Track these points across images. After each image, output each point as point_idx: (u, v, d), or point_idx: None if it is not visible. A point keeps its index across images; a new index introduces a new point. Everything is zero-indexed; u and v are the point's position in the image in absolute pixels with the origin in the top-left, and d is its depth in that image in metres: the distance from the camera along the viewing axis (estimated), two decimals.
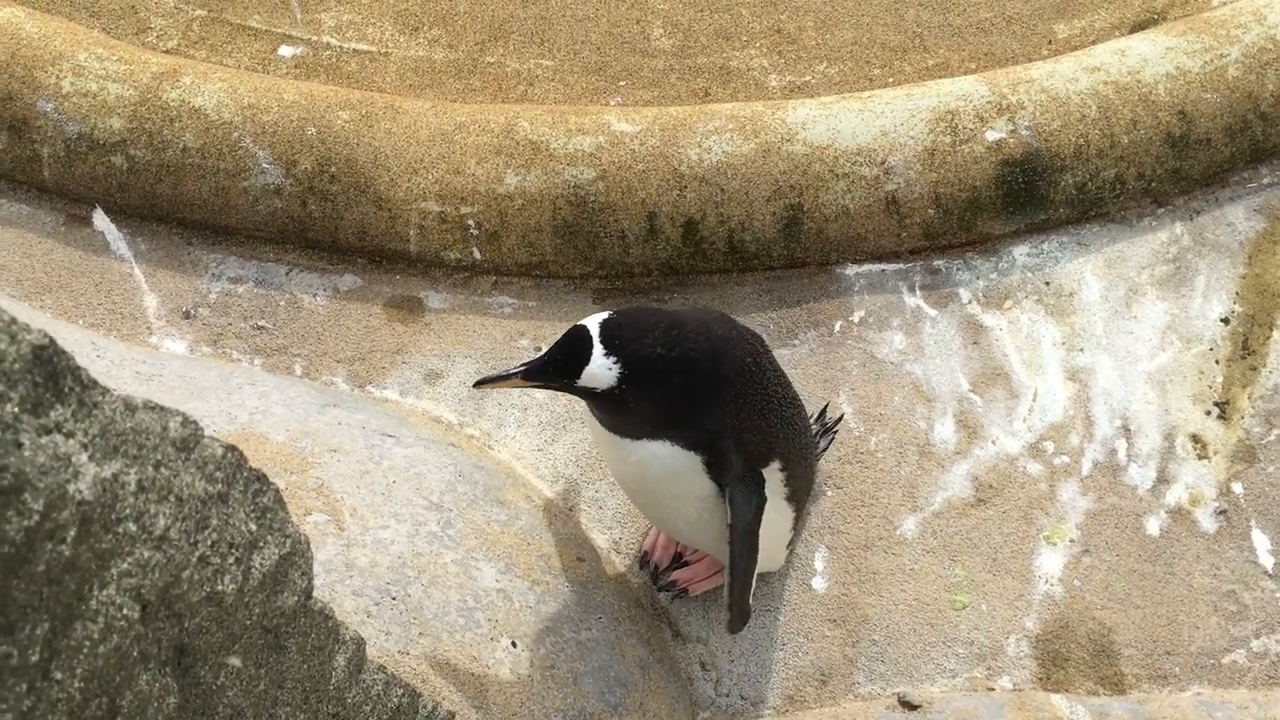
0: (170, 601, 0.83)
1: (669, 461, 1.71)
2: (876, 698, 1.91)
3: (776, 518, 1.85)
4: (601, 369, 1.64)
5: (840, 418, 2.17)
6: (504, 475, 2.10)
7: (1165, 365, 2.24)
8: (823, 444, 2.12)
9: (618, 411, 1.69)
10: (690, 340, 1.67)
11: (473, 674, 1.73)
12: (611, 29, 2.68)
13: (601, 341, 1.64)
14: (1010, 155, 2.34)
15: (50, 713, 0.70)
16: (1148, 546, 2.05)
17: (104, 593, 0.75)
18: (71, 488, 0.71)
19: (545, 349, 1.70)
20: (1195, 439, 2.16)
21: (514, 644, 1.79)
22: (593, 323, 1.66)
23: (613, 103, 2.58)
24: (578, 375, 1.65)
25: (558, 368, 1.67)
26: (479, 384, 1.75)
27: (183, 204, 2.48)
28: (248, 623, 0.95)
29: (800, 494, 1.88)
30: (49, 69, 2.50)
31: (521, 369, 1.69)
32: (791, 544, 2.00)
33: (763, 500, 1.75)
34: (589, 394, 1.67)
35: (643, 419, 1.68)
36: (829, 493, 2.14)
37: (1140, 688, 1.91)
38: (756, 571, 2.00)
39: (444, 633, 1.75)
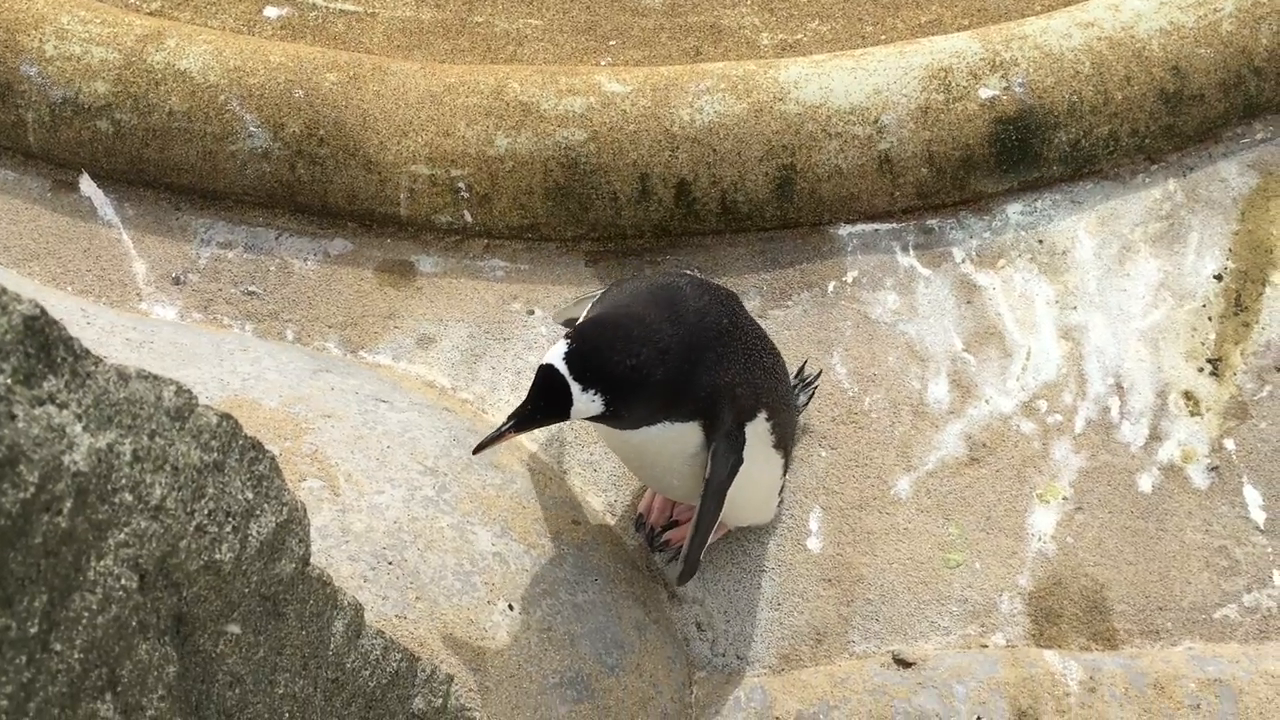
0: (168, 571, 0.83)
1: (670, 435, 1.72)
2: (871, 656, 1.93)
3: (767, 466, 1.87)
4: (585, 402, 1.64)
5: (819, 373, 2.17)
6: None
7: (1158, 322, 2.25)
8: (803, 399, 2.13)
9: (616, 420, 1.70)
10: (657, 333, 1.66)
11: (470, 637, 1.74)
12: None
13: (574, 378, 1.62)
14: (1004, 113, 2.33)
15: (50, 684, 0.70)
16: (1140, 503, 2.06)
17: (101, 563, 0.75)
18: (66, 459, 0.71)
19: (527, 395, 1.67)
20: (1188, 396, 2.17)
21: (511, 607, 1.80)
22: (557, 359, 1.63)
23: (603, 63, 2.55)
24: (567, 413, 1.65)
25: (545, 412, 1.66)
26: (477, 450, 1.72)
27: (170, 168, 2.46)
28: (246, 591, 0.95)
29: (787, 440, 1.91)
30: (31, 32, 2.47)
31: (512, 423, 1.67)
32: (780, 492, 2.01)
33: (739, 461, 1.77)
34: (586, 419, 1.68)
35: (639, 414, 1.69)
36: (823, 453, 2.14)
37: (1132, 643, 1.93)
38: (754, 520, 2.02)
39: (441, 597, 1.75)
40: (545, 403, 1.65)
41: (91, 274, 2.41)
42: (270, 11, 2.64)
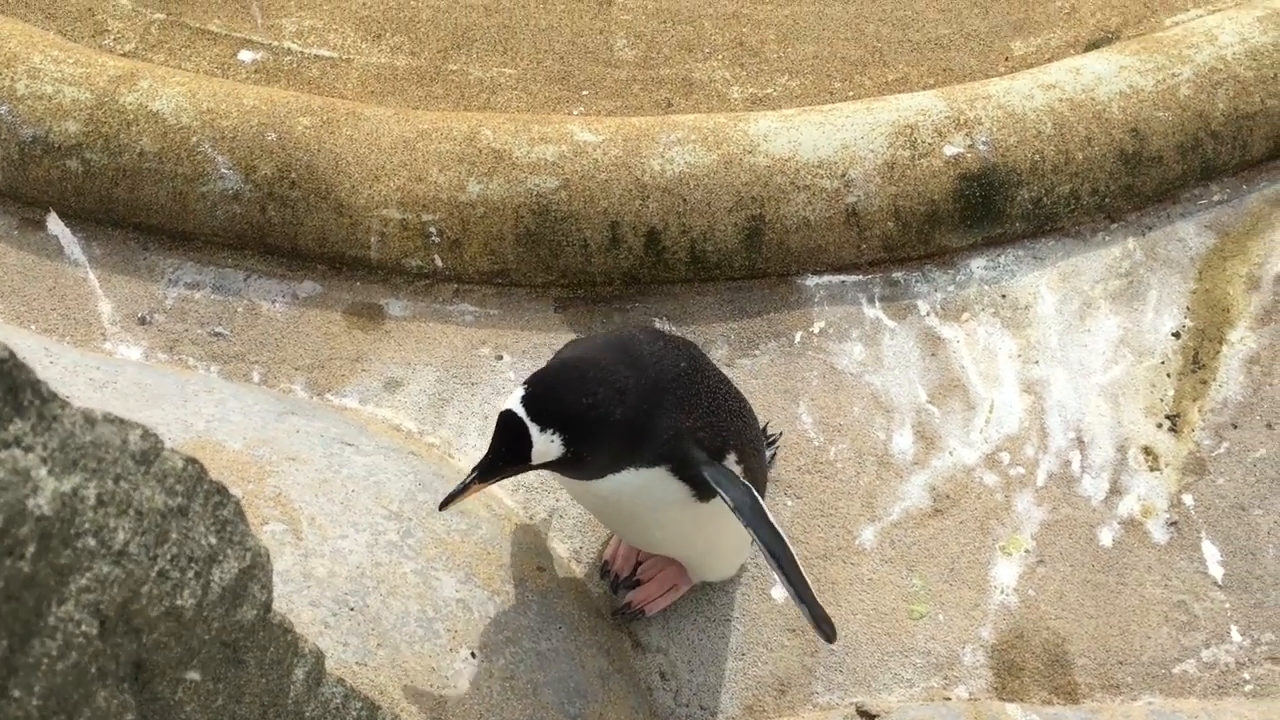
0: (129, 617, 0.82)
1: (637, 484, 1.71)
2: (835, 707, 1.92)
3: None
4: (545, 444, 1.63)
5: (780, 434, 2.18)
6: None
7: (1118, 378, 2.28)
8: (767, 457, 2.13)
9: (578, 465, 1.69)
10: (614, 373, 1.66)
11: (432, 685, 1.72)
12: (574, 38, 2.69)
13: (533, 420, 1.62)
14: (968, 170, 2.37)
15: None
16: (1101, 557, 2.08)
17: (63, 609, 0.74)
18: (31, 503, 0.70)
19: (490, 445, 1.66)
20: (1147, 451, 2.20)
21: (473, 654, 1.78)
22: (516, 404, 1.63)
23: (575, 112, 2.58)
24: (528, 458, 1.65)
25: (507, 459, 1.65)
26: (444, 505, 1.69)
27: (139, 209, 2.45)
28: (206, 637, 0.94)
29: (758, 485, 1.89)
30: (3, 71, 2.47)
31: (475, 474, 1.66)
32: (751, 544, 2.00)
33: (747, 486, 1.72)
34: (548, 466, 1.68)
35: (602, 462, 1.69)
36: (789, 502, 2.15)
37: (1093, 697, 1.94)
38: (722, 574, 2.01)
39: (403, 643, 1.74)
40: (506, 449, 1.64)
41: (56, 313, 2.40)
42: (245, 56, 2.65)
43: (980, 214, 2.39)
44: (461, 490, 1.67)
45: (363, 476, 1.96)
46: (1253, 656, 1.97)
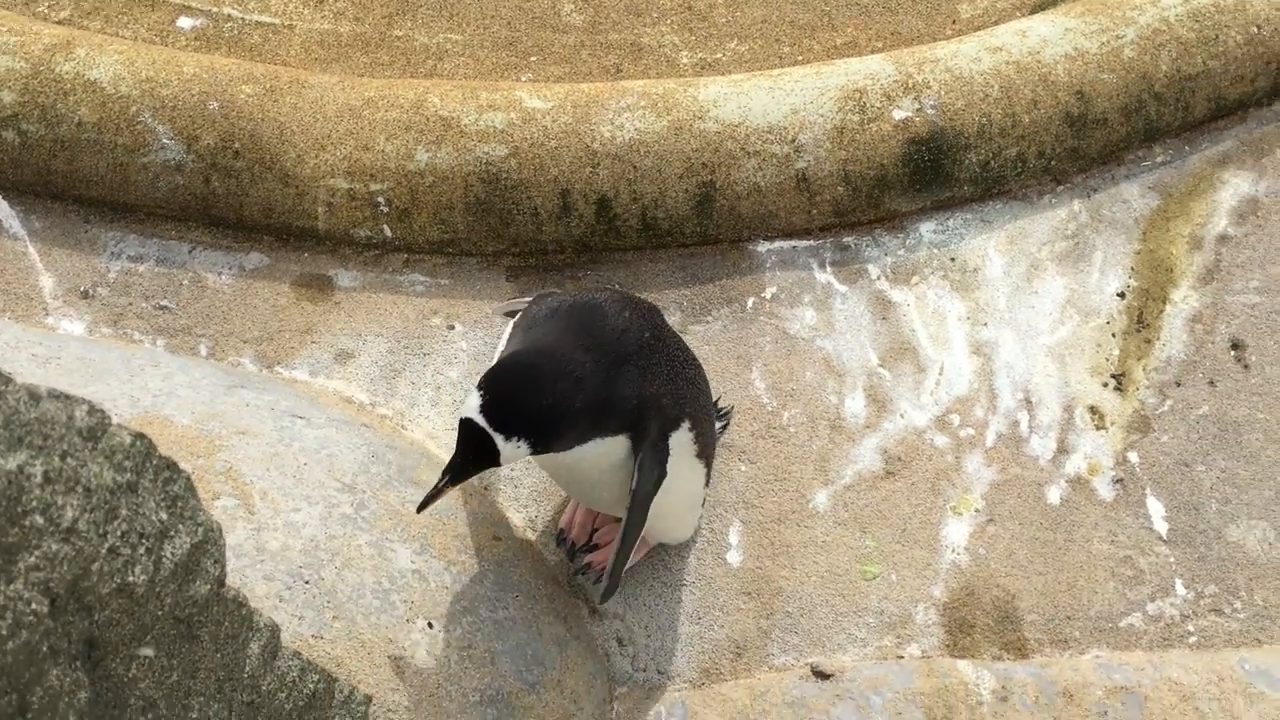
0: (80, 594, 0.81)
1: (599, 451, 1.72)
2: (790, 668, 1.95)
3: (690, 476, 1.88)
4: (511, 449, 1.64)
5: (731, 408, 2.19)
6: (418, 455, 2.08)
7: (1064, 339, 2.31)
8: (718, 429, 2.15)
9: (547, 451, 1.70)
10: (570, 362, 1.66)
11: (389, 656, 1.72)
12: (522, 3, 2.66)
13: (495, 429, 1.62)
14: (916, 134, 2.38)
15: None
16: (1049, 515, 2.12)
17: (11, 587, 0.73)
18: None
19: (455, 450, 1.67)
20: (1093, 410, 2.24)
21: (430, 625, 1.78)
22: (474, 413, 1.62)
23: (524, 79, 2.56)
24: (497, 461, 1.66)
25: (476, 463, 1.67)
26: (421, 509, 1.72)
27: (79, 180, 2.40)
28: (159, 613, 0.93)
29: (708, 450, 1.92)
30: None
31: (448, 478, 1.67)
32: (701, 505, 2.02)
33: (664, 474, 1.78)
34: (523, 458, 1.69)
35: (569, 440, 1.70)
36: (743, 467, 2.16)
37: (1042, 652, 1.98)
38: (676, 537, 2.03)
39: (359, 615, 1.73)
40: (474, 455, 1.65)
41: None
42: (184, 22, 2.59)
43: (929, 178, 2.41)
44: (436, 494, 1.68)
45: (315, 449, 1.95)
46: (1196, 609, 2.02)
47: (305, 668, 1.22)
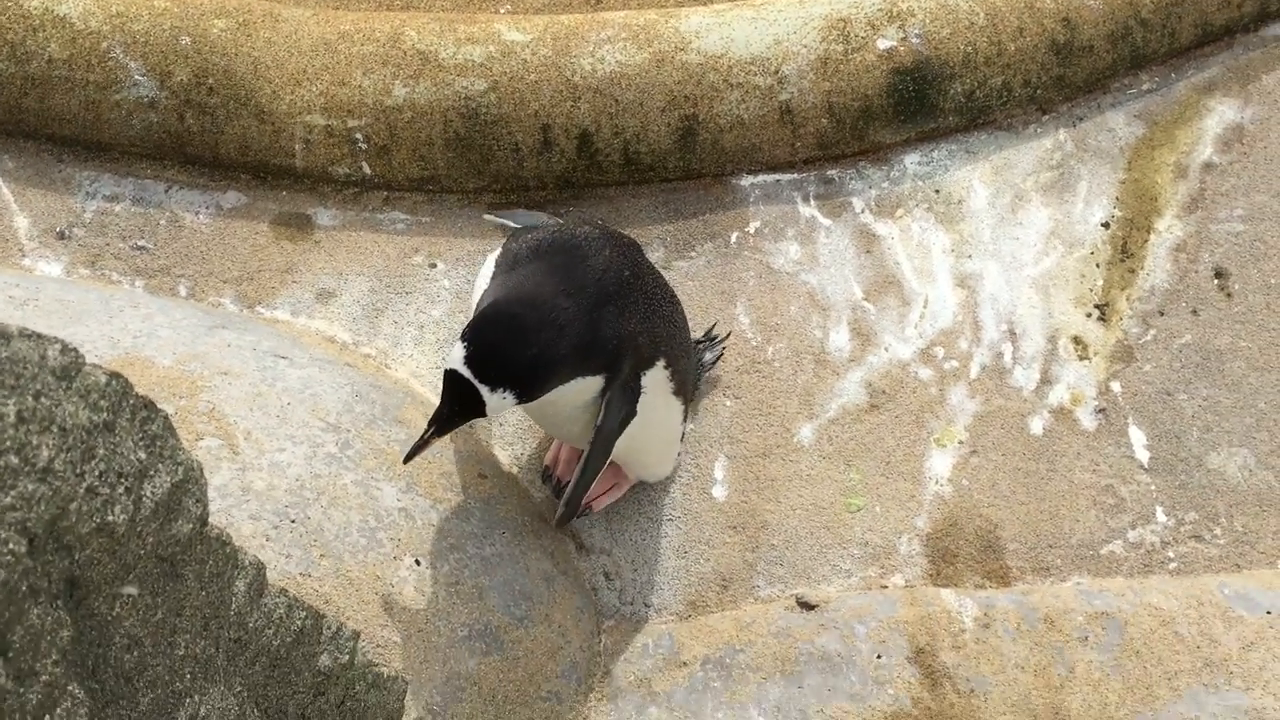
0: (59, 534, 0.81)
1: (579, 389, 1.73)
2: (775, 600, 1.97)
3: (668, 413, 1.89)
4: (498, 401, 1.64)
5: (727, 334, 2.19)
6: (402, 394, 2.07)
7: (1049, 270, 2.31)
8: (709, 357, 2.15)
9: (531, 400, 1.70)
10: (552, 310, 1.65)
11: (377, 593, 1.73)
12: None
13: (481, 382, 1.62)
14: (901, 63, 2.36)
15: None
16: (1032, 445, 2.13)
17: None
18: None
19: (440, 401, 1.67)
20: (1076, 341, 2.24)
21: (418, 562, 1.79)
22: (459, 364, 1.62)
23: (502, 10, 2.51)
24: (484, 412, 1.65)
25: (462, 414, 1.66)
26: (407, 460, 1.72)
27: (51, 119, 2.36)
28: (141, 552, 0.93)
29: (686, 387, 1.92)
30: None
31: (434, 429, 1.67)
32: (681, 440, 2.03)
33: (631, 413, 1.78)
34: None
35: (552, 386, 1.70)
36: (728, 402, 2.17)
37: (1024, 580, 2.00)
38: (656, 473, 2.03)
39: (346, 553, 1.74)
40: (460, 406, 1.65)
41: None
42: None
43: (914, 108, 2.38)
44: (422, 444, 1.68)
45: (298, 389, 1.94)
46: (1177, 536, 2.04)
47: (292, 605, 1.22)
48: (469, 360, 1.62)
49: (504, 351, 1.62)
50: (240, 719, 1.13)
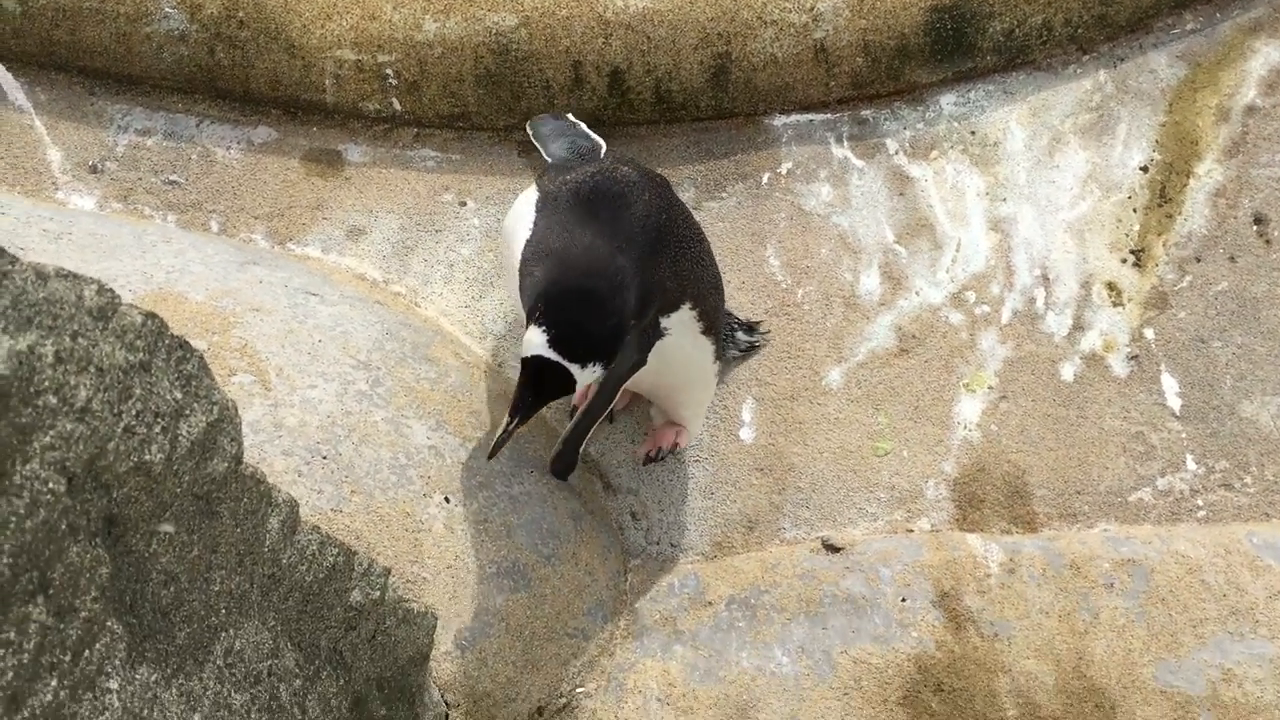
0: (97, 473, 0.82)
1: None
2: (801, 542, 1.98)
3: (696, 353, 1.88)
4: (588, 374, 1.63)
5: (768, 333, 2.17)
6: (432, 332, 2.08)
7: (1085, 214, 2.28)
8: (741, 336, 2.12)
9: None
10: (618, 273, 1.63)
11: (406, 530, 1.75)
12: None
13: (570, 360, 1.60)
14: (939, 1, 2.31)
15: None
16: (1062, 391, 2.12)
17: (27, 467, 0.74)
18: None
19: (518, 388, 1.65)
20: (1111, 286, 2.21)
21: (447, 499, 1.81)
22: (542, 347, 1.60)
23: None
24: (573, 390, 1.64)
25: (550, 394, 1.65)
26: (492, 455, 1.71)
27: (82, 51, 2.36)
28: (178, 490, 0.94)
29: (716, 324, 1.90)
30: None
31: (517, 420, 1.66)
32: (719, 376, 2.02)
33: (641, 362, 1.77)
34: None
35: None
36: (762, 345, 2.16)
37: (1051, 526, 2.00)
38: (695, 408, 2.03)
39: (376, 490, 1.76)
40: (549, 389, 1.64)
41: (3, 162, 2.32)
42: None
43: (951, 47, 2.34)
44: (506, 437, 1.68)
45: (329, 326, 1.95)
46: (1206, 484, 2.03)
47: (324, 541, 1.24)
48: (554, 343, 1.60)
49: (588, 327, 1.61)
50: (274, 653, 1.16)
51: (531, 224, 1.74)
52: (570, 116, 2.20)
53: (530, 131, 2.18)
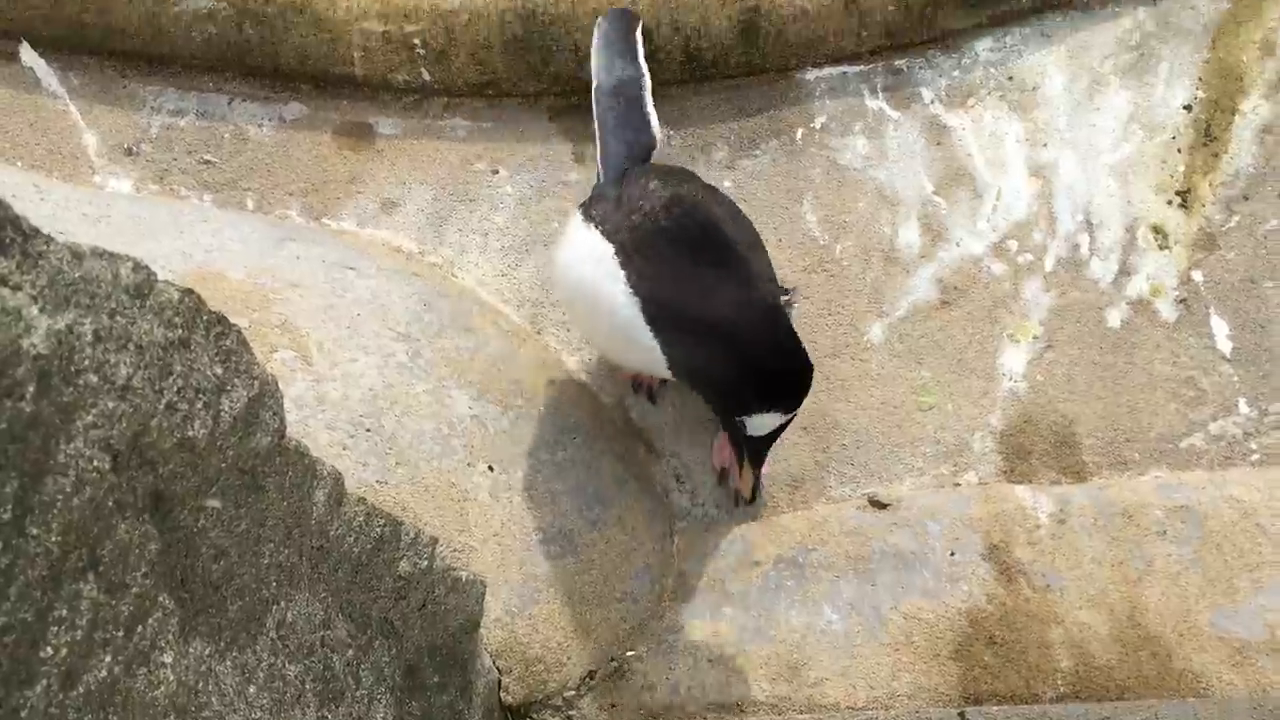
0: (141, 450, 0.82)
1: None
2: (847, 500, 1.96)
3: None
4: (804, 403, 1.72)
5: (794, 290, 2.15)
6: (469, 302, 2.08)
7: (1128, 156, 2.23)
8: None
9: None
10: (770, 310, 1.66)
11: (451, 500, 1.76)
12: None
13: (788, 413, 1.69)
14: None
15: (29, 568, 0.70)
16: (1109, 338, 2.08)
17: (71, 446, 0.74)
18: (25, 342, 0.69)
19: (752, 449, 1.77)
20: (1156, 229, 2.17)
21: (491, 468, 1.81)
22: (779, 418, 1.67)
23: None
24: (798, 404, 1.69)
25: (778, 436, 1.75)
26: (751, 500, 1.88)
27: (112, 33, 2.37)
28: (223, 466, 0.94)
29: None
30: None
31: (755, 469, 1.81)
32: None
33: None
34: None
35: None
36: (796, 303, 2.14)
37: (1101, 475, 1.97)
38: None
39: (420, 461, 1.77)
40: (778, 432, 1.73)
41: (41, 148, 2.34)
42: None
43: None
44: (757, 480, 1.84)
45: (367, 300, 1.95)
46: (1260, 427, 2.00)
47: (371, 513, 1.25)
48: (785, 410, 1.68)
49: (804, 380, 1.66)
50: (326, 624, 1.16)
51: (628, 284, 1.70)
52: (639, 31, 2.13)
53: (596, 31, 2.11)
